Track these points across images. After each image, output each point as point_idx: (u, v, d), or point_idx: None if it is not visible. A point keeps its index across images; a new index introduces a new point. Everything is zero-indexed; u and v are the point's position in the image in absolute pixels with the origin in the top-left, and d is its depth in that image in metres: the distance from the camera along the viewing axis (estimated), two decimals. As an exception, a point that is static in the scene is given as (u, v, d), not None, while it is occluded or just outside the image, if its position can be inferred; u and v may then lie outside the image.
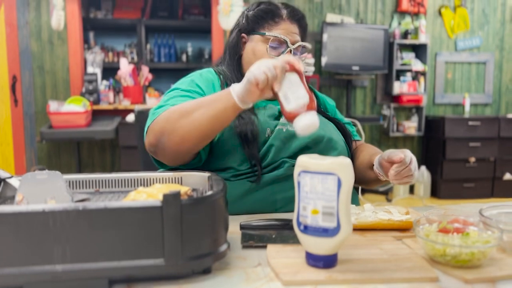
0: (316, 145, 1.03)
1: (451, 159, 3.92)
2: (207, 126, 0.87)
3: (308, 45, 1.12)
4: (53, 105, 3.29)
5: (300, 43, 1.09)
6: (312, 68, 3.84)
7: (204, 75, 1.09)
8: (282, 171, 0.99)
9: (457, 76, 4.35)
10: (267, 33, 1.08)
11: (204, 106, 0.86)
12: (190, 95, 1.01)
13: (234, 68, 1.12)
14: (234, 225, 0.79)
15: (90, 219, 0.53)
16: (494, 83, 4.42)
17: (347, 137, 1.12)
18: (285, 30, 1.08)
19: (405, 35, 4.06)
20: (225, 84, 1.08)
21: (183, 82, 1.08)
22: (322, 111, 1.19)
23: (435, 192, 4.04)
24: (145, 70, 3.74)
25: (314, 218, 0.60)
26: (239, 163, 0.99)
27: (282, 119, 1.05)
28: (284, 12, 1.10)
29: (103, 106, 3.57)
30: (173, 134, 0.88)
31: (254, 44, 1.10)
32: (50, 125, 3.34)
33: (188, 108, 0.88)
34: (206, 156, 1.01)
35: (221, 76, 1.10)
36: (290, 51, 1.07)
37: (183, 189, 0.69)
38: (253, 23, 1.11)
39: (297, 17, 1.11)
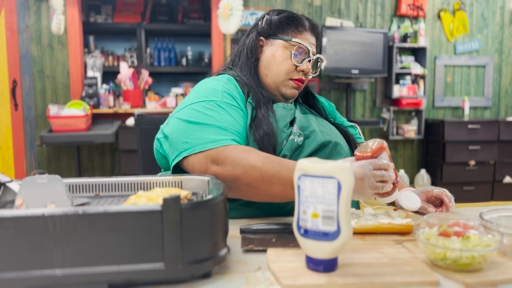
0: (322, 151, 1.03)
1: (450, 162, 3.92)
2: (280, 199, 0.89)
3: (323, 58, 1.16)
4: (53, 109, 3.29)
5: (318, 55, 1.13)
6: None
7: (230, 84, 1.06)
8: None
9: (457, 79, 4.36)
10: (293, 39, 1.09)
11: (286, 184, 0.85)
12: (230, 111, 0.99)
13: (250, 71, 1.12)
14: (234, 229, 0.79)
15: (90, 223, 0.53)
16: (493, 86, 4.42)
17: (351, 142, 1.13)
18: (307, 40, 1.11)
19: (404, 38, 4.07)
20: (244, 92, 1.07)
21: (215, 92, 1.01)
22: (326, 117, 1.20)
23: (435, 195, 4.03)
24: (145, 74, 3.75)
25: (314, 222, 0.60)
26: None
27: (294, 129, 1.04)
28: (307, 23, 1.13)
29: (103, 110, 3.57)
30: (247, 190, 0.89)
31: (274, 48, 1.11)
32: (50, 129, 3.34)
33: (270, 173, 0.86)
34: None
35: (240, 83, 1.09)
36: (309, 61, 1.11)
37: (183, 193, 0.69)
38: (277, 27, 1.12)
39: (317, 31, 1.15)
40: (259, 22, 1.15)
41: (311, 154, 1.02)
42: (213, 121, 0.94)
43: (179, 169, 0.96)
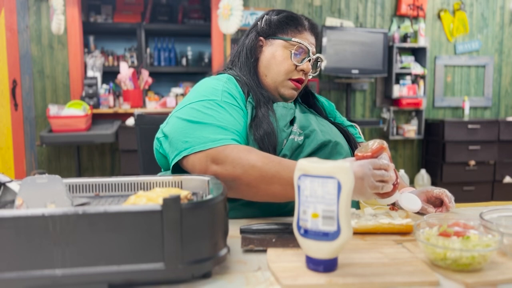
0: (322, 150, 1.03)
1: (450, 162, 3.92)
2: (280, 199, 0.89)
3: (323, 58, 1.16)
4: (53, 109, 3.29)
5: (318, 54, 1.13)
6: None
7: (230, 84, 1.06)
8: None
9: (457, 79, 4.36)
10: (293, 39, 1.09)
11: (286, 184, 0.85)
12: (231, 110, 0.98)
13: (249, 71, 1.12)
14: (234, 229, 0.79)
15: (90, 223, 0.53)
16: (493, 86, 4.42)
17: (351, 142, 1.13)
18: (307, 40, 1.11)
19: (404, 38, 4.07)
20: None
21: (215, 91, 1.01)
22: (325, 116, 1.20)
23: (435, 195, 4.03)
24: (145, 74, 3.75)
25: (314, 222, 0.60)
26: None
27: (294, 128, 1.04)
28: (306, 23, 1.13)
29: (103, 110, 3.57)
30: (247, 190, 0.88)
31: (274, 48, 1.11)
32: (50, 129, 3.34)
33: (270, 173, 0.86)
34: None
35: (240, 83, 1.08)
36: (309, 60, 1.11)
37: (183, 193, 0.69)
38: (276, 27, 1.12)
39: (316, 30, 1.15)
40: (259, 22, 1.15)
41: (311, 154, 1.02)
42: (213, 121, 0.94)
43: (179, 168, 0.96)
